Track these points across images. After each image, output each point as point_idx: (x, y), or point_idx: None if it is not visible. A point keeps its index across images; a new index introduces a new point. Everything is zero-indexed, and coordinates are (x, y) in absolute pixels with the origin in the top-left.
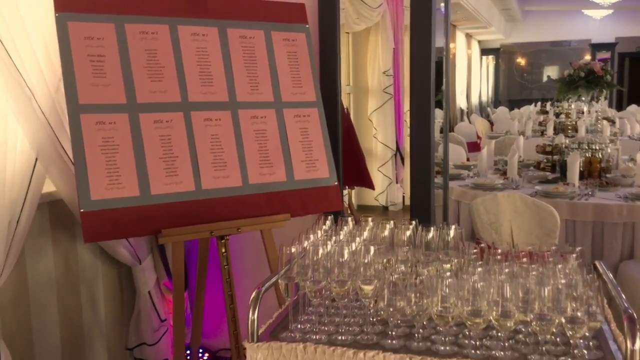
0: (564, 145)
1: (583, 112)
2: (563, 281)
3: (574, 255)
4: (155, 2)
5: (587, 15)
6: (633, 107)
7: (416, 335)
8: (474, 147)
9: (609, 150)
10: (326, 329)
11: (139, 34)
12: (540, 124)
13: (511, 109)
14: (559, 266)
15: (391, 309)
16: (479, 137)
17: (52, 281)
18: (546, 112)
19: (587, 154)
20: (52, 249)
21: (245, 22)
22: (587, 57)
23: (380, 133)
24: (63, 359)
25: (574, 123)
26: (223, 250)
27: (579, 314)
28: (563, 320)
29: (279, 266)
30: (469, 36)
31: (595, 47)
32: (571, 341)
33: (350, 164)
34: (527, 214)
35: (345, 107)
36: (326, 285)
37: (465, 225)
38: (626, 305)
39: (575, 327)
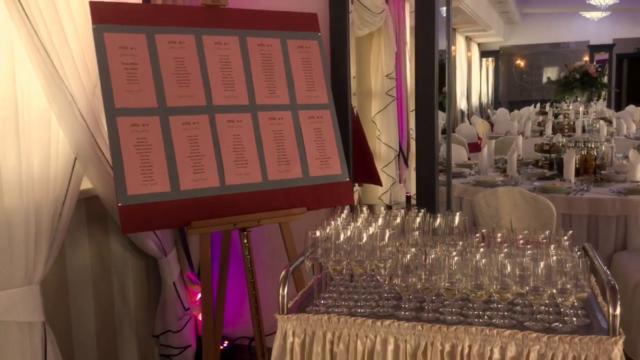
0: (560, 144)
1: (581, 113)
2: (554, 259)
3: (565, 237)
4: (182, 14)
5: (585, 17)
6: (631, 107)
7: (426, 307)
8: (474, 147)
9: (603, 148)
10: (346, 303)
11: (168, 43)
12: (539, 124)
13: (511, 110)
14: (552, 247)
15: (404, 285)
16: (479, 138)
17: (87, 271)
18: (545, 113)
19: (582, 152)
20: (88, 242)
21: (263, 31)
22: (586, 59)
23: (383, 134)
24: (97, 342)
25: (571, 123)
26: (245, 241)
27: (568, 286)
28: (554, 292)
29: (304, 249)
30: (468, 39)
31: (594, 49)
32: (562, 309)
33: (360, 162)
34: (525, 208)
35: (354, 109)
36: (347, 265)
37: (468, 220)
38: (609, 278)
39: (564, 297)
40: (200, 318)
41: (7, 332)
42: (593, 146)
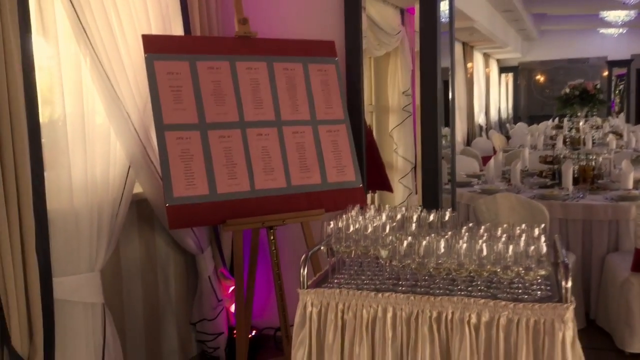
0: (562, 156)
1: (597, 128)
2: (522, 245)
3: (537, 229)
4: (219, 44)
5: (602, 33)
6: None
7: (419, 284)
8: (489, 160)
9: (601, 160)
10: (355, 281)
11: (207, 69)
12: (551, 138)
13: (531, 124)
14: (523, 237)
15: (401, 265)
16: (495, 151)
17: (137, 264)
18: (561, 127)
19: (581, 163)
20: (138, 238)
21: (288, 57)
22: (605, 74)
23: (400, 148)
24: (145, 326)
25: (582, 137)
26: (272, 237)
27: (532, 265)
28: (520, 269)
29: (321, 237)
30: (486, 55)
31: (612, 64)
32: (527, 284)
33: (373, 171)
34: (521, 211)
35: (368, 123)
36: (355, 250)
37: (470, 220)
38: (564, 257)
39: (528, 273)
40: (231, 309)
41: (74, 310)
42: (591, 158)
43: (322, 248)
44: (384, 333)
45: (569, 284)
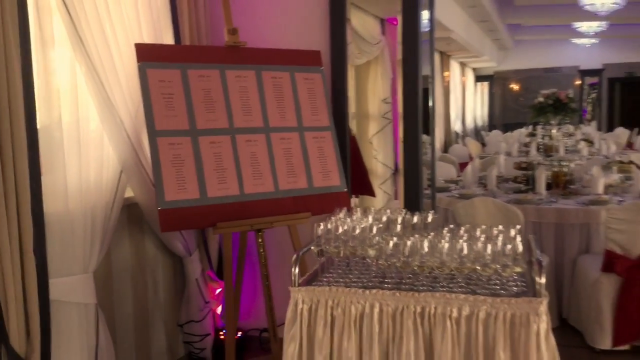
0: (536, 162)
1: (570, 135)
2: (499, 244)
3: (513, 230)
4: (209, 53)
5: (575, 43)
6: (619, 130)
7: (403, 281)
8: (466, 166)
9: (572, 166)
10: (343, 279)
11: (198, 77)
12: (525, 145)
13: (506, 132)
14: (501, 236)
15: (387, 264)
16: (471, 158)
17: (127, 266)
18: (534, 135)
19: (554, 169)
20: (128, 242)
21: (275, 66)
22: (578, 82)
23: (380, 154)
24: (134, 326)
25: (555, 144)
26: (260, 240)
27: (508, 262)
28: (498, 266)
29: (312, 239)
30: (463, 64)
31: (584, 73)
32: (504, 280)
33: (356, 176)
34: (497, 215)
35: (352, 131)
36: (343, 251)
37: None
38: (538, 256)
39: (505, 270)
40: (217, 311)
41: (69, 310)
42: (564, 164)
43: (312, 248)
44: (371, 328)
45: (543, 279)
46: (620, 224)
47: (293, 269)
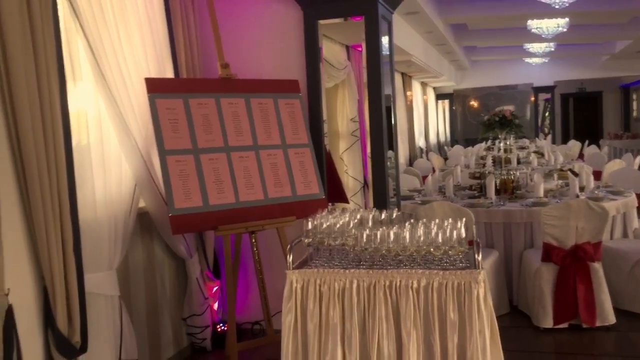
0: (487, 172)
1: (523, 148)
2: (448, 232)
3: (459, 222)
4: (206, 85)
5: (527, 62)
6: (572, 143)
7: (375, 263)
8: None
9: (518, 174)
10: (328, 263)
11: (197, 104)
12: (481, 158)
13: (467, 146)
14: (449, 227)
15: (361, 250)
16: (434, 171)
17: (140, 266)
18: (492, 149)
19: (503, 177)
20: (141, 245)
21: (261, 94)
22: (532, 99)
23: (350, 169)
24: (147, 318)
25: (508, 157)
26: (254, 240)
27: (455, 245)
28: (447, 247)
29: (303, 232)
30: (424, 84)
31: (537, 90)
32: (452, 258)
33: (332, 186)
34: (452, 215)
35: (327, 147)
36: (327, 241)
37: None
38: (477, 238)
39: (452, 250)
40: (214, 307)
41: (98, 301)
42: (511, 173)
43: (303, 239)
44: (351, 299)
45: (480, 256)
46: (554, 220)
47: (288, 257)
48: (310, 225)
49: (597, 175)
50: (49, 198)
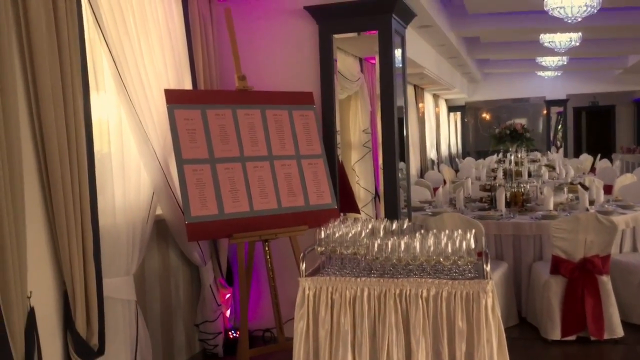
0: (498, 184)
1: (535, 161)
2: (457, 242)
3: (469, 233)
4: (223, 95)
5: (540, 75)
6: (583, 156)
7: (385, 271)
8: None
9: (528, 187)
10: (340, 271)
11: (215, 115)
12: (493, 170)
13: (479, 159)
14: (459, 238)
15: (372, 259)
16: (444, 182)
17: (156, 272)
18: (503, 161)
19: (513, 190)
20: (157, 252)
21: (276, 105)
22: (544, 112)
23: (362, 180)
24: (161, 322)
25: (519, 169)
26: (267, 248)
27: (464, 256)
28: (456, 258)
29: (316, 240)
30: (436, 96)
31: (550, 103)
32: (461, 268)
33: (344, 196)
34: (462, 227)
35: (340, 158)
36: (340, 249)
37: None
38: (485, 249)
39: (461, 260)
40: (227, 314)
41: (116, 305)
42: (522, 186)
43: (316, 248)
44: (361, 307)
45: (489, 267)
46: (563, 233)
47: (301, 264)
48: (323, 234)
49: (609, 189)
50: (71, 204)
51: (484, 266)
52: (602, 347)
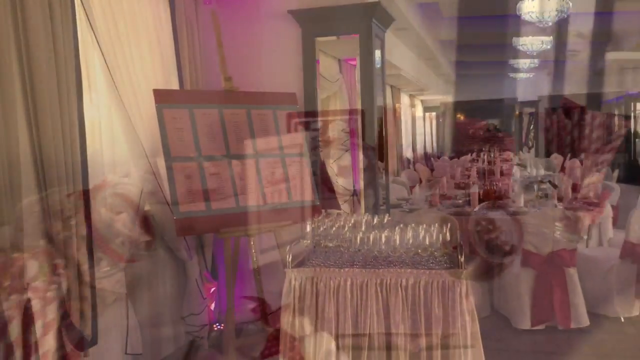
0: (471, 182)
1: (507, 160)
2: (434, 235)
3: (444, 229)
4: (210, 95)
5: (512, 77)
6: (554, 156)
7: (367, 263)
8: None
9: (500, 185)
10: (324, 263)
11: (202, 115)
12: (467, 169)
13: (453, 158)
14: (435, 231)
15: (355, 251)
16: (420, 181)
17: (144, 266)
18: (476, 161)
19: (485, 187)
20: (145, 247)
21: (261, 105)
22: (517, 113)
23: (340, 178)
24: (148, 315)
25: (492, 168)
26: (252, 243)
27: (440, 246)
28: (433, 249)
29: (301, 234)
30: (412, 96)
31: (522, 104)
32: (437, 259)
33: (325, 193)
34: (438, 223)
35: (321, 157)
36: (325, 242)
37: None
38: (460, 242)
39: (436, 250)
40: (211, 307)
41: (107, 298)
42: (493, 184)
43: (302, 241)
44: (345, 296)
45: (463, 258)
46: (532, 228)
47: (287, 256)
48: (308, 228)
49: (577, 187)
50: (66, 198)
51: (459, 257)
52: (569, 336)
